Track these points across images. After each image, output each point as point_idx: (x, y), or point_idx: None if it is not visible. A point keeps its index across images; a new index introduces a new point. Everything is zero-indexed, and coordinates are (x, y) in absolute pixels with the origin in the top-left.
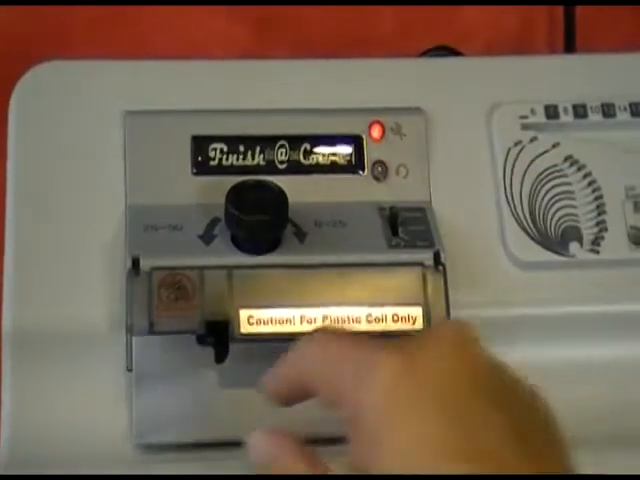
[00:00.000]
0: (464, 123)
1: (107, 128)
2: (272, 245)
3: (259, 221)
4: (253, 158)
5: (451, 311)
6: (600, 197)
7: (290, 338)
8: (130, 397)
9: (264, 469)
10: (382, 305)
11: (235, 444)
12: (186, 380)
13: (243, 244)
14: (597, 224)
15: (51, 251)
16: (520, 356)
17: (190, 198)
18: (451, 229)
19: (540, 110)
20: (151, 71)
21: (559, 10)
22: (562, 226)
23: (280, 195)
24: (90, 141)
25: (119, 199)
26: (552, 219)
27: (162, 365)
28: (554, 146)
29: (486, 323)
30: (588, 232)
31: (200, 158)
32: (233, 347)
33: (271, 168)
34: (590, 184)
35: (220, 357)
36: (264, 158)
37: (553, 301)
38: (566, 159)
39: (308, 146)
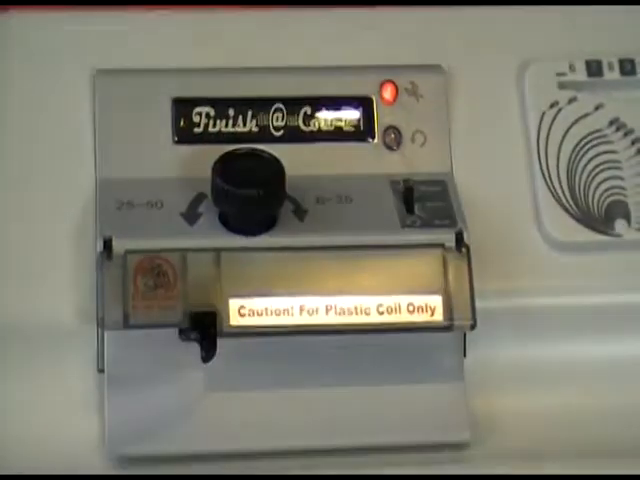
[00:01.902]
0: (491, 82)
1: (73, 89)
2: (267, 224)
3: (251, 196)
4: (244, 124)
5: (476, 301)
6: None
7: (288, 332)
8: (102, 402)
9: None
10: (395, 293)
11: (224, 457)
12: (167, 382)
13: (233, 223)
14: None
15: (9, 233)
16: (558, 352)
17: (171, 170)
18: (476, 205)
19: (580, 66)
20: (124, 23)
21: None
22: (606, 201)
23: (276, 166)
24: (53, 105)
25: (88, 172)
26: (595, 193)
27: (139, 365)
28: (597, 108)
29: (517, 314)
30: (637, 208)
31: (182, 124)
32: (222, 343)
33: (265, 135)
34: (639, 151)
35: (207, 355)
36: (257, 124)
37: (596, 289)
38: (611, 123)
39: (309, 110)
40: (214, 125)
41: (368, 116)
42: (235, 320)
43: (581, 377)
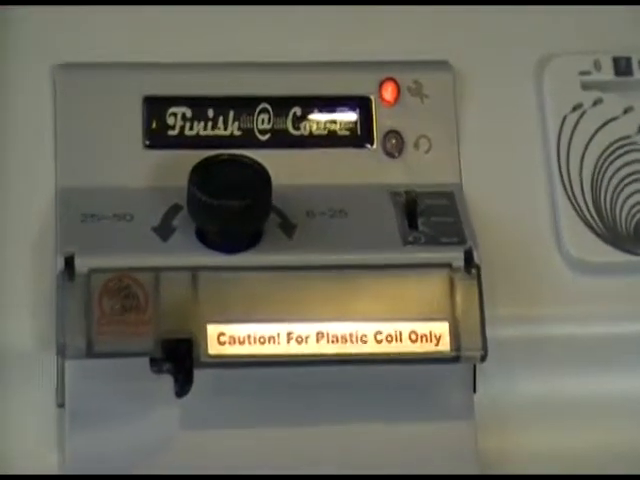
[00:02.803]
0: (505, 81)
1: (31, 87)
2: (250, 241)
3: (233, 209)
4: (225, 126)
5: (487, 329)
6: None
7: (275, 362)
8: (61, 441)
9: None
10: (396, 320)
11: None
12: (136, 419)
13: (212, 239)
14: None
15: None
16: (579, 387)
17: (142, 179)
18: (488, 221)
19: (607, 63)
20: (90, 13)
21: None
22: (636, 217)
23: (261, 175)
24: (8, 105)
25: (47, 180)
26: (623, 207)
27: (104, 399)
28: (626, 111)
29: (533, 345)
30: None
31: (155, 126)
32: (199, 374)
33: (249, 139)
34: None
35: (182, 388)
36: (240, 126)
37: (624, 316)
38: None
39: (299, 111)
40: (191, 127)
41: (366, 119)
42: (214, 349)
43: (605, 415)
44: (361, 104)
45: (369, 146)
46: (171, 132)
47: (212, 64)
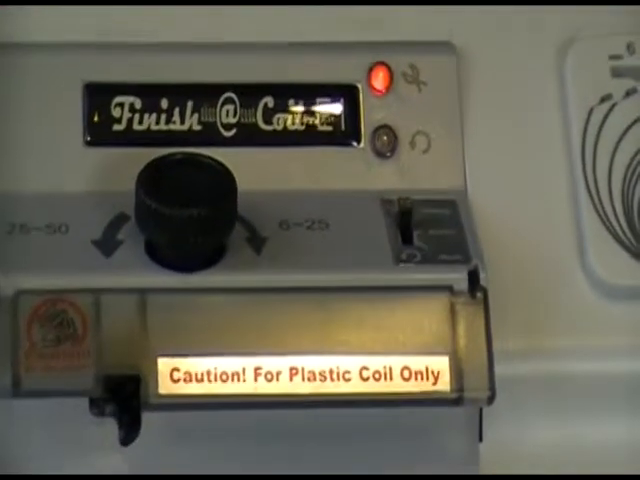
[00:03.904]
0: (520, 67)
1: None
2: (211, 257)
3: (190, 219)
4: (182, 120)
5: (496, 364)
6: None
7: (239, 404)
8: None
9: None
10: (386, 353)
11: None
12: (74, 470)
13: (164, 255)
14: None
15: None
16: (605, 434)
17: (81, 182)
18: (497, 234)
19: None
20: None
21: None
22: None
23: (225, 178)
24: None
25: None
26: None
27: (35, 446)
28: None
29: (552, 384)
30: None
31: (97, 119)
32: (148, 418)
33: (211, 136)
34: None
35: (127, 435)
36: (200, 120)
37: None
38: None
39: (270, 101)
40: (140, 121)
41: (352, 111)
42: (166, 387)
43: (634, 465)
44: (346, 93)
45: (355, 144)
46: (117, 126)
47: (166, 44)
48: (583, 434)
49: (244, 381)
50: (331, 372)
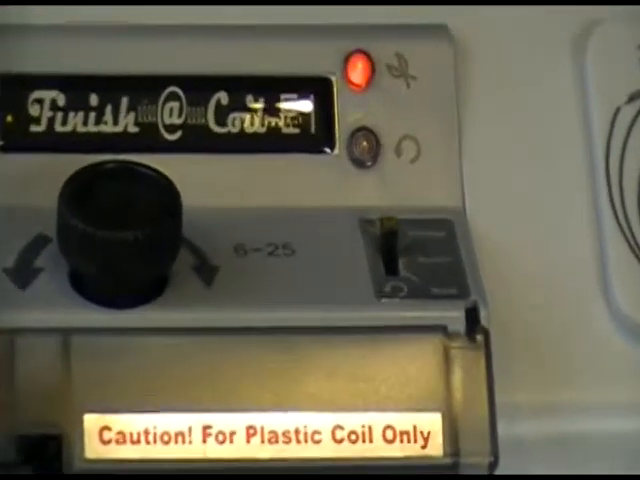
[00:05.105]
0: (531, 58)
1: None
2: (149, 290)
3: (123, 243)
4: (116, 120)
5: (500, 422)
6: None
7: (184, 471)
8: None
9: None
10: (364, 409)
11: None
12: None
13: (92, 287)
14: None
15: None
16: None
17: None
18: (502, 262)
19: None
20: None
21: None
22: None
23: (167, 193)
24: None
25: None
26: None
27: None
28: None
29: (567, 446)
30: None
31: (11, 119)
32: None
33: (151, 140)
34: None
35: None
36: (137, 120)
37: None
38: None
39: (224, 98)
40: (64, 121)
41: (324, 110)
42: (94, 450)
43: None
44: (317, 88)
45: (328, 150)
46: (35, 128)
47: (97, 27)
48: None
49: (190, 443)
50: (297, 432)
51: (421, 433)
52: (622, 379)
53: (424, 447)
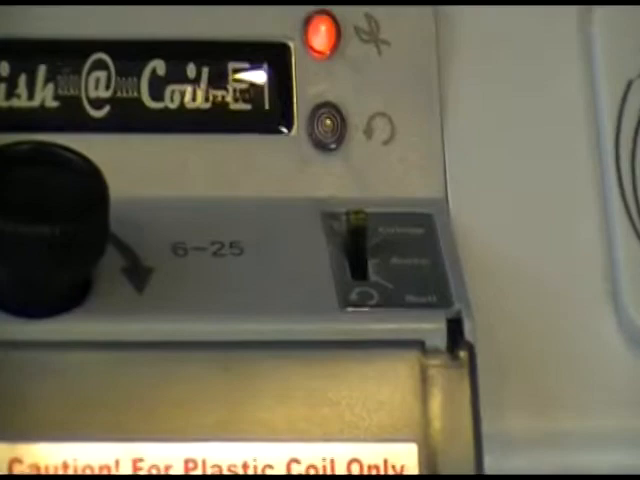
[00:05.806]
0: (527, 29)
1: None
2: (70, 297)
3: (40, 240)
4: (31, 93)
5: (486, 453)
6: None
7: None
8: None
9: None
10: (325, 439)
11: None
12: None
13: (3, 293)
14: None
15: None
16: None
17: None
18: (491, 264)
19: None
20: None
21: None
22: None
23: (92, 181)
24: None
25: None
26: None
27: None
28: None
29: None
30: None
31: None
32: None
33: (74, 117)
34: None
35: None
36: (57, 93)
37: None
38: None
39: (161, 67)
40: None
41: (280, 82)
42: None
43: None
44: (272, 56)
45: (285, 130)
46: None
47: None
48: None
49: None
50: (245, 466)
51: (393, 467)
52: (633, 400)
53: None
